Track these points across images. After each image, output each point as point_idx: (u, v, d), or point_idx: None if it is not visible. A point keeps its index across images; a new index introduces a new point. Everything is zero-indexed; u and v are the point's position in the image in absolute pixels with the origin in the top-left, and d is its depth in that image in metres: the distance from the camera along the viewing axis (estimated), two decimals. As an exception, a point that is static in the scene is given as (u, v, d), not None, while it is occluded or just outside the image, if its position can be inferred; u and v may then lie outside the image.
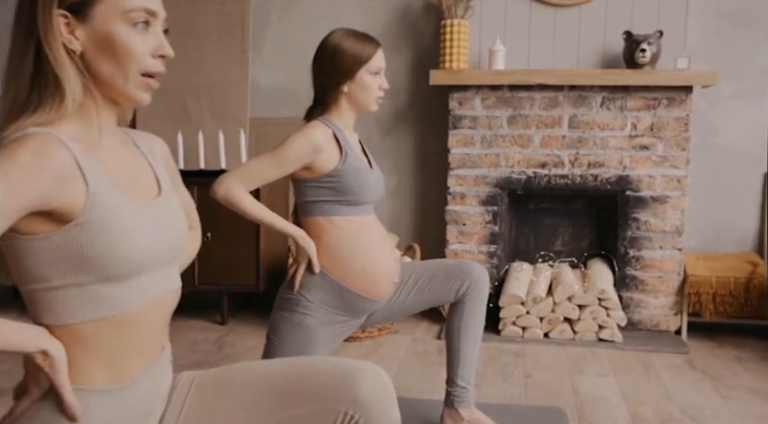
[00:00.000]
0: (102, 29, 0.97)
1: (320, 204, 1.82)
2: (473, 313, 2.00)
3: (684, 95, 3.08)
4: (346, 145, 1.83)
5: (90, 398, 0.98)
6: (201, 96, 3.73)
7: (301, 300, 1.81)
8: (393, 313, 2.01)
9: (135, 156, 1.10)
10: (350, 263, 1.81)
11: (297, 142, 1.77)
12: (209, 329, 3.36)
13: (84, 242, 0.93)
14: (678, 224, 3.15)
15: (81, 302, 0.96)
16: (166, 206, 1.08)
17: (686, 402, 2.41)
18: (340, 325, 1.87)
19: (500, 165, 3.27)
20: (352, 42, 1.82)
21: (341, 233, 1.82)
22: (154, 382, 1.07)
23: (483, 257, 3.33)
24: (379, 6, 3.58)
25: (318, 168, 1.79)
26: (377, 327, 3.17)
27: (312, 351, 1.82)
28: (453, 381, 2.05)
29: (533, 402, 2.42)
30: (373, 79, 1.85)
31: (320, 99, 1.88)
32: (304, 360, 1.15)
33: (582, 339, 3.10)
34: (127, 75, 0.99)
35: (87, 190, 0.93)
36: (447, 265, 2.01)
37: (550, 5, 3.30)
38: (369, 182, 1.85)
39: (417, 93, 3.59)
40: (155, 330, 1.06)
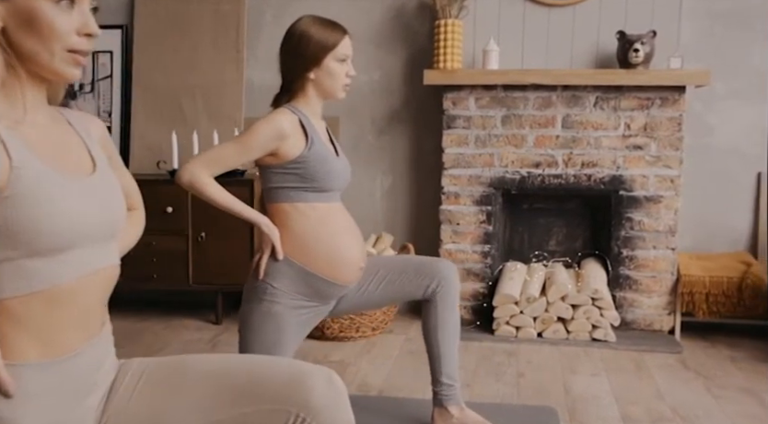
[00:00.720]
0: (24, 6, 0.96)
1: (285, 190, 1.82)
2: (447, 310, 2.01)
3: (677, 95, 3.09)
4: (312, 132, 1.83)
5: (24, 373, 0.97)
6: (196, 96, 3.73)
7: (267, 288, 1.81)
8: (362, 304, 2.02)
9: (68, 134, 1.10)
10: (315, 248, 1.81)
11: (263, 128, 1.77)
12: (204, 328, 3.37)
13: (9, 216, 0.92)
14: (671, 224, 3.15)
15: (12, 277, 0.95)
16: (101, 182, 1.08)
17: (677, 401, 2.41)
18: (308, 311, 1.86)
19: (494, 165, 3.27)
20: (318, 29, 1.82)
21: (306, 220, 1.82)
22: (94, 356, 1.07)
23: (478, 257, 3.33)
24: (374, 6, 3.59)
25: (283, 154, 1.79)
26: (370, 327, 3.17)
27: (284, 339, 1.81)
28: (438, 380, 2.05)
29: (525, 401, 2.42)
30: (340, 66, 1.85)
31: (287, 85, 1.88)
32: (259, 359, 1.15)
33: (575, 339, 3.10)
34: (52, 51, 0.98)
35: (11, 164, 0.93)
36: (417, 261, 2.03)
37: (543, 4, 3.31)
38: (335, 169, 1.86)
39: (412, 93, 3.59)
40: (92, 305, 1.05)
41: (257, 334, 1.81)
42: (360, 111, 3.65)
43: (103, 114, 3.83)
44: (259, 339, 1.81)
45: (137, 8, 3.78)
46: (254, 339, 1.81)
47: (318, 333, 3.15)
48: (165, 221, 3.38)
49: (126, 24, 3.81)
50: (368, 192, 3.69)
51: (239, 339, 1.86)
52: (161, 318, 3.56)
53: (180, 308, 3.74)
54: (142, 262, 3.43)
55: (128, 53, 3.81)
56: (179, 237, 3.41)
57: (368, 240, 3.51)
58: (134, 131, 3.77)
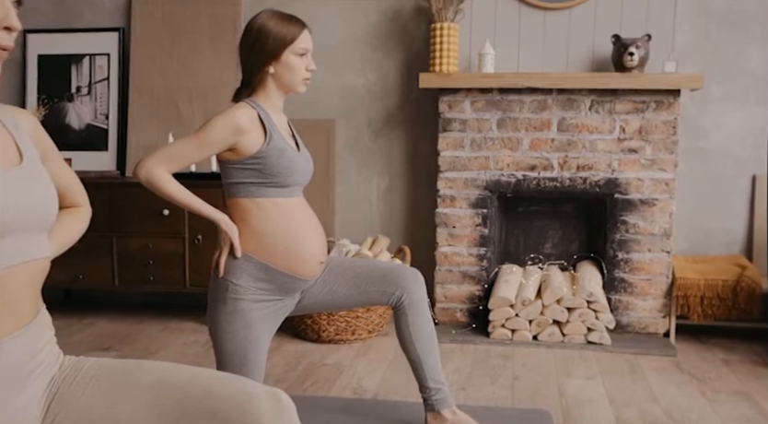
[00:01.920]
0: None
1: (245, 185, 1.82)
2: (418, 319, 2.02)
3: (672, 98, 3.10)
4: (271, 127, 1.82)
5: None
6: (193, 98, 3.74)
7: (229, 286, 1.80)
8: (327, 302, 2.02)
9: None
10: (274, 243, 1.81)
11: (220, 123, 1.76)
12: (200, 331, 3.37)
13: None
14: (666, 227, 3.16)
15: None
16: (28, 174, 1.07)
17: (671, 404, 2.42)
18: (272, 304, 1.86)
19: (490, 168, 3.28)
20: (277, 23, 1.82)
21: (266, 215, 1.82)
22: (27, 343, 1.07)
23: (473, 260, 3.34)
24: (370, 9, 3.60)
25: (242, 149, 1.78)
26: (366, 329, 3.18)
27: (254, 334, 1.81)
28: (425, 386, 2.06)
29: (519, 404, 2.42)
30: (299, 60, 1.85)
31: (246, 80, 1.88)
32: (212, 375, 1.15)
33: (571, 342, 3.11)
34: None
35: None
36: (382, 268, 2.03)
37: (539, 8, 3.32)
38: (295, 164, 1.85)
39: (408, 96, 3.60)
40: (20, 295, 1.05)
41: (227, 332, 1.81)
42: (356, 114, 3.66)
43: (100, 117, 3.84)
44: (230, 338, 1.81)
45: (134, 11, 3.79)
46: (225, 338, 1.81)
47: (314, 335, 3.16)
48: (161, 224, 3.39)
49: (123, 27, 3.82)
50: (365, 194, 3.70)
51: (212, 340, 1.85)
52: (158, 320, 3.56)
53: (176, 310, 3.75)
54: (139, 264, 3.44)
55: (125, 56, 3.82)
56: (175, 239, 3.41)
57: (365, 242, 3.52)
58: (131, 133, 3.78)
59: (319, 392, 2.56)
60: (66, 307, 3.80)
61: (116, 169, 3.80)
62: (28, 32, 3.88)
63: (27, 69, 3.89)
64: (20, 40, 3.90)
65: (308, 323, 3.16)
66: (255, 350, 1.82)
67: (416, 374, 2.06)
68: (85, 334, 3.33)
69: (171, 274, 3.44)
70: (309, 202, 1.99)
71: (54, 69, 3.87)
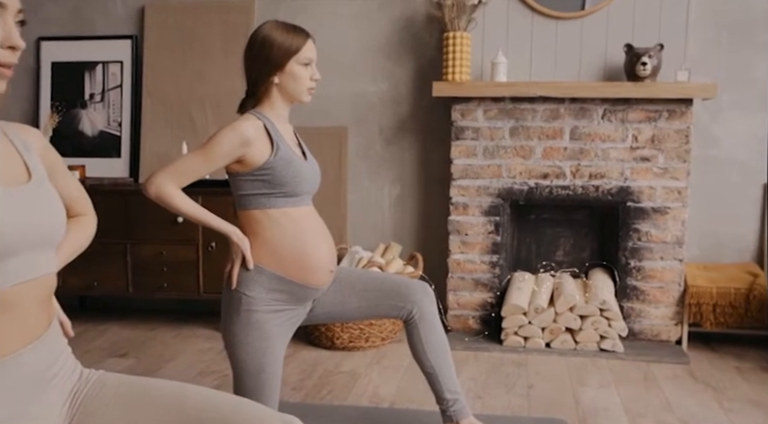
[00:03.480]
0: None
1: (255, 197, 1.83)
2: (430, 332, 2.03)
3: (685, 107, 3.11)
4: (277, 137, 1.83)
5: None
6: (205, 105, 3.76)
7: (243, 298, 1.82)
8: (338, 313, 2.03)
9: (3, 145, 1.11)
10: (285, 253, 1.82)
11: (227, 136, 1.77)
12: (213, 338, 3.39)
13: None
14: (678, 235, 3.18)
15: None
16: (36, 192, 1.09)
17: (687, 414, 2.43)
18: (286, 314, 1.87)
19: (502, 176, 3.30)
20: (281, 34, 1.83)
21: (277, 226, 1.83)
22: (41, 354, 1.09)
23: (486, 267, 3.35)
24: (383, 18, 3.62)
25: (250, 161, 1.79)
26: (379, 336, 3.20)
27: (270, 345, 1.83)
28: (441, 397, 2.07)
29: (536, 413, 2.44)
30: (304, 70, 1.86)
31: (251, 91, 1.89)
32: (229, 401, 1.17)
33: (583, 349, 3.12)
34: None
35: None
36: (392, 281, 2.04)
37: (551, 17, 3.33)
38: (302, 173, 1.86)
39: (419, 104, 3.62)
40: (30, 311, 1.07)
41: (243, 344, 1.82)
42: (368, 122, 3.68)
43: (113, 124, 3.86)
44: (246, 350, 1.82)
45: (147, 19, 3.81)
46: (242, 350, 1.82)
47: (328, 343, 3.18)
48: (175, 231, 3.41)
49: (136, 34, 3.84)
50: (376, 201, 3.72)
51: (228, 352, 1.86)
52: (171, 327, 3.59)
53: (189, 317, 3.77)
54: (152, 271, 3.46)
55: (138, 63, 3.84)
56: (189, 246, 3.43)
57: (377, 249, 3.54)
58: (144, 141, 3.80)
59: (335, 400, 2.58)
60: (81, 314, 3.82)
61: (129, 176, 3.82)
62: (41, 40, 3.90)
63: (40, 76, 3.91)
64: (34, 47, 3.93)
65: (321, 331, 3.18)
66: (271, 360, 1.84)
67: (432, 387, 2.08)
68: (101, 340, 3.35)
69: (185, 281, 3.46)
70: (321, 209, 2.01)
71: (68, 76, 3.90)
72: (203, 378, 2.82)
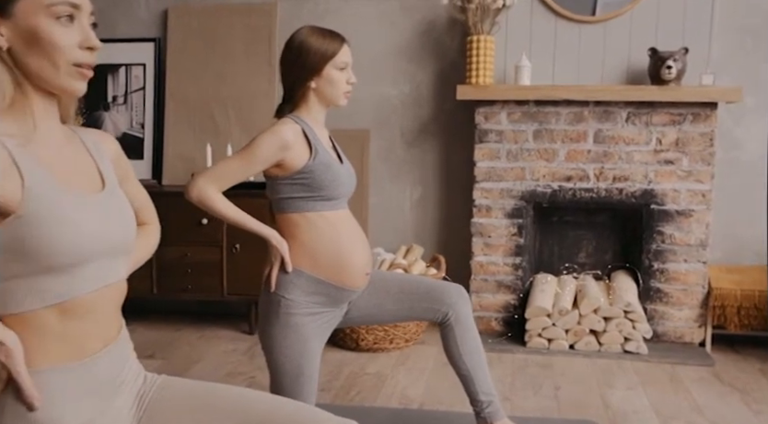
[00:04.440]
0: (26, 25, 0.99)
1: (293, 200, 1.85)
2: (465, 334, 2.05)
3: (709, 111, 3.13)
4: (315, 141, 1.85)
5: (53, 377, 1.01)
6: (228, 108, 3.78)
7: (281, 301, 1.84)
8: (374, 316, 2.05)
9: (79, 152, 1.12)
10: (323, 256, 1.85)
11: (266, 140, 1.79)
12: (238, 339, 3.41)
13: (26, 235, 0.95)
14: (702, 238, 3.19)
15: (27, 293, 0.98)
16: (110, 200, 1.10)
17: (717, 416, 2.45)
18: (324, 316, 1.90)
19: (525, 178, 3.32)
20: (317, 39, 1.86)
21: (315, 229, 1.85)
22: (114, 359, 1.11)
23: (509, 269, 3.37)
24: (405, 21, 3.64)
25: (288, 165, 1.82)
26: (403, 338, 3.22)
27: (308, 347, 1.85)
28: (476, 399, 2.09)
29: (565, 415, 2.46)
30: (340, 74, 1.88)
31: (288, 96, 1.91)
32: (289, 406, 1.18)
33: (607, 351, 3.14)
34: (57, 66, 1.01)
35: (23, 183, 0.95)
36: (427, 284, 2.06)
37: (574, 21, 3.35)
38: (340, 176, 1.88)
39: (441, 107, 3.64)
40: (104, 316, 1.09)
41: (281, 347, 1.84)
42: (390, 124, 3.70)
43: (136, 126, 3.89)
44: (284, 352, 1.84)
45: (170, 21, 3.83)
46: (280, 352, 1.84)
47: (353, 344, 3.20)
48: (199, 233, 3.44)
49: (159, 37, 3.87)
50: (397, 204, 3.73)
51: (265, 354, 1.88)
52: (195, 328, 3.61)
53: (213, 318, 3.79)
54: (177, 273, 3.48)
55: (161, 66, 3.87)
56: (213, 248, 3.46)
57: (399, 251, 3.56)
58: (167, 142, 3.82)
59: (365, 401, 2.60)
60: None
61: (152, 177, 3.84)
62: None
63: (63, 79, 3.94)
64: (57, 50, 3.95)
65: (346, 332, 3.20)
66: (309, 362, 1.86)
67: (467, 389, 2.09)
68: (126, 342, 3.37)
69: (209, 282, 3.48)
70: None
71: (91, 79, 3.90)
72: (232, 379, 2.84)
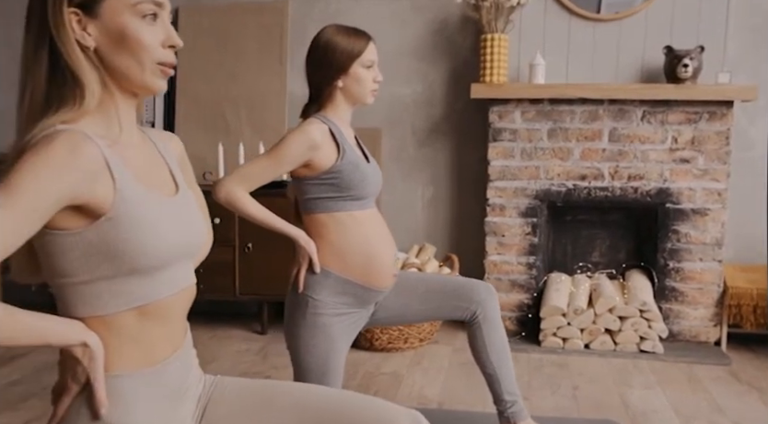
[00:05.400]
0: (113, 24, 0.99)
1: (322, 201, 1.84)
2: (493, 333, 2.03)
3: (725, 109, 3.12)
4: (343, 140, 1.84)
5: (128, 383, 1.01)
6: (239, 107, 3.77)
7: (309, 301, 1.83)
8: (400, 316, 2.04)
9: (152, 153, 1.12)
10: (351, 257, 1.83)
11: (294, 140, 1.78)
12: (250, 339, 3.40)
13: (114, 237, 0.95)
14: (718, 236, 3.18)
15: (113, 294, 0.99)
16: (184, 202, 1.11)
17: (738, 415, 2.44)
18: (351, 317, 1.89)
19: (540, 177, 3.31)
20: (343, 38, 1.84)
21: (343, 229, 1.84)
22: (181, 365, 1.11)
23: (522, 268, 3.36)
24: (417, 20, 3.62)
25: (317, 165, 1.81)
26: (418, 338, 3.20)
27: (335, 348, 1.84)
28: (500, 398, 2.07)
29: (585, 415, 2.45)
30: (367, 72, 1.87)
31: (315, 95, 1.90)
32: (349, 397, 1.17)
33: (623, 350, 3.13)
34: (143, 65, 1.01)
35: (115, 185, 0.96)
36: (456, 283, 2.04)
37: (589, 19, 3.34)
38: (368, 175, 1.87)
39: (453, 106, 3.63)
40: (177, 320, 1.09)
41: (308, 347, 1.83)
42: (401, 123, 3.69)
43: (147, 124, 3.86)
44: (311, 352, 1.83)
45: (181, 20, 3.82)
46: (306, 352, 1.83)
47: (367, 344, 3.19)
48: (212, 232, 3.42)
49: (169, 36, 3.85)
50: (409, 203, 3.72)
51: (291, 353, 1.87)
52: (207, 328, 3.60)
53: (225, 318, 3.78)
54: (189, 272, 3.46)
55: (171, 65, 3.85)
56: (226, 248, 3.44)
57: (411, 250, 3.55)
58: (178, 142, 3.81)
59: (383, 401, 2.58)
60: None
61: (163, 177, 3.83)
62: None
63: (73, 78, 3.92)
64: (67, 49, 3.93)
65: (361, 332, 3.18)
66: (335, 363, 1.85)
67: (492, 388, 2.08)
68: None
69: (221, 282, 3.47)
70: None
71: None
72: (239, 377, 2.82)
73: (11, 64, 4.13)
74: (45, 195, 0.88)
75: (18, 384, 2.69)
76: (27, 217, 0.87)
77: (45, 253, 0.97)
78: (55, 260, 0.96)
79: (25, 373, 2.81)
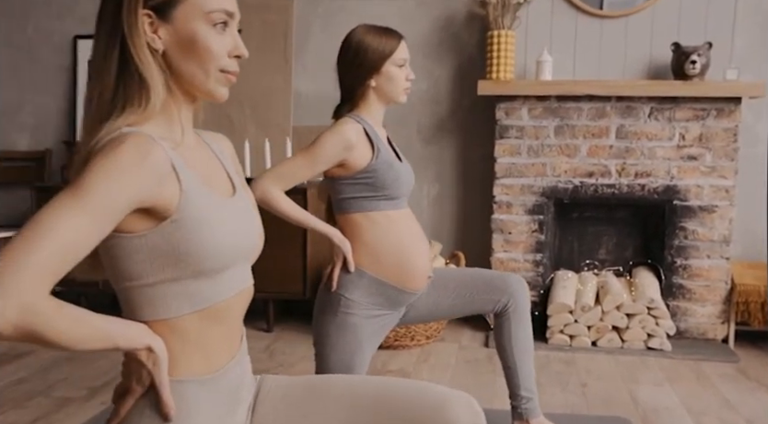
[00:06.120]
0: (184, 29, 0.99)
1: (357, 200, 1.83)
2: (520, 327, 2.02)
3: (733, 106, 3.11)
4: (377, 140, 1.84)
5: (188, 388, 1.01)
6: (244, 105, 3.76)
7: (341, 300, 1.82)
8: (431, 314, 2.03)
9: (209, 155, 1.12)
10: (386, 257, 1.83)
11: (329, 140, 1.78)
12: (255, 337, 3.38)
13: (180, 239, 0.95)
14: (725, 233, 3.18)
15: (177, 297, 0.99)
16: (242, 203, 1.10)
17: (750, 412, 2.43)
18: (381, 319, 1.88)
19: (546, 174, 3.30)
20: (374, 37, 1.84)
21: (378, 229, 1.83)
22: (240, 368, 1.10)
23: (529, 265, 3.35)
24: (423, 17, 3.62)
25: (352, 165, 1.80)
26: (424, 335, 3.19)
27: (362, 349, 1.83)
28: (516, 394, 2.06)
29: (595, 411, 2.44)
30: (399, 71, 1.86)
31: (347, 95, 1.89)
32: (398, 383, 1.15)
33: (630, 348, 3.12)
34: (208, 72, 1.01)
35: (181, 187, 0.96)
36: (487, 276, 2.03)
37: (596, 16, 3.33)
38: (402, 174, 1.87)
39: (459, 103, 3.62)
40: (237, 322, 1.09)
41: (335, 345, 1.82)
42: (407, 121, 3.68)
43: (151, 123, 3.86)
44: (337, 350, 1.82)
45: (185, 18, 3.80)
46: (333, 350, 1.82)
47: (374, 341, 3.18)
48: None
49: (174, 33, 3.83)
50: (415, 200, 3.71)
51: (316, 351, 1.87)
52: (212, 326, 3.58)
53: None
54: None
55: (176, 62, 3.83)
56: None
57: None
58: (183, 139, 3.79)
59: (391, 399, 2.57)
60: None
61: (167, 175, 3.81)
62: (78, 38, 3.90)
63: (77, 75, 3.91)
64: (71, 46, 3.93)
65: (367, 330, 3.17)
66: (360, 364, 1.83)
67: (509, 381, 2.06)
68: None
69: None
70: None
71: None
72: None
73: (11, 63, 4.14)
74: (117, 198, 0.87)
75: (25, 382, 2.68)
76: (99, 220, 0.86)
77: (110, 256, 0.97)
78: (120, 263, 0.96)
79: (31, 371, 2.79)
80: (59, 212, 0.84)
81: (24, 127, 4.03)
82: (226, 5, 1.02)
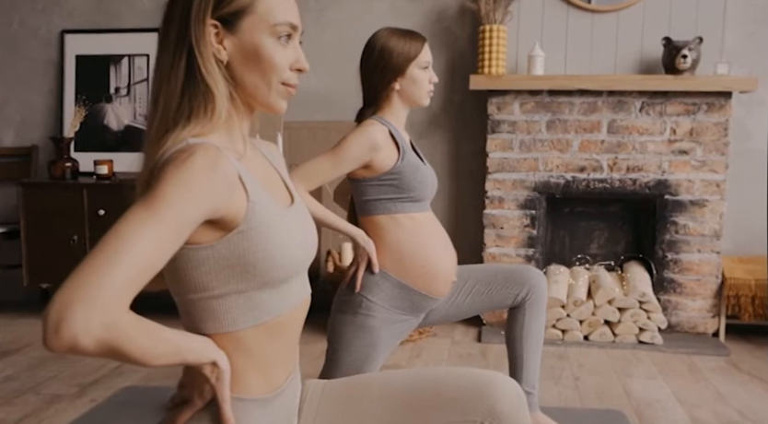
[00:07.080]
0: (249, 41, 0.99)
1: (382, 202, 1.82)
2: (534, 319, 2.01)
3: (724, 100, 3.12)
4: (402, 142, 1.84)
5: (248, 408, 0.99)
6: (234, 100, 3.73)
7: (363, 302, 1.80)
8: (450, 315, 2.01)
9: (267, 164, 1.11)
10: (411, 261, 1.81)
11: (356, 141, 1.78)
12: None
13: (246, 249, 0.94)
14: (716, 228, 3.19)
15: (242, 310, 0.97)
16: (301, 213, 1.09)
17: (742, 404, 2.44)
18: (401, 324, 1.86)
19: (538, 169, 3.30)
20: (398, 41, 1.84)
21: (403, 231, 1.82)
22: (294, 388, 1.09)
23: (521, 261, 3.35)
24: (413, 11, 3.60)
25: (377, 166, 1.80)
26: (417, 331, 3.18)
27: (376, 353, 1.81)
28: None
29: (588, 405, 2.44)
30: (423, 73, 1.87)
31: (371, 99, 1.89)
32: (436, 371, 1.14)
33: (622, 342, 3.13)
34: (270, 84, 1.01)
35: (248, 198, 0.94)
36: (505, 270, 2.02)
37: (587, 10, 3.33)
38: (427, 176, 1.87)
39: (450, 98, 3.61)
40: (296, 335, 1.08)
41: (350, 346, 1.80)
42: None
43: (139, 117, 3.82)
44: (351, 350, 1.80)
45: (174, 12, 3.76)
46: (347, 351, 1.81)
47: (366, 337, 3.16)
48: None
49: (163, 27, 3.80)
50: (407, 196, 3.70)
51: (329, 350, 1.85)
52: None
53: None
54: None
55: (165, 57, 3.80)
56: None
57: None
58: (172, 135, 3.76)
59: (385, 394, 2.56)
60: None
61: (156, 170, 3.78)
62: (65, 32, 3.85)
63: (65, 70, 3.86)
64: (58, 40, 3.88)
65: (360, 325, 3.16)
66: (372, 366, 1.82)
67: (513, 374, 2.04)
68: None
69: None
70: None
71: (93, 70, 3.85)
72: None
73: (11, 64, 4.08)
74: (191, 210, 0.86)
75: (13, 380, 2.64)
76: (175, 231, 0.85)
77: (175, 268, 0.95)
78: (185, 274, 0.95)
79: (18, 369, 2.76)
80: (135, 226, 0.82)
81: (10, 123, 3.98)
82: (291, 17, 1.02)
